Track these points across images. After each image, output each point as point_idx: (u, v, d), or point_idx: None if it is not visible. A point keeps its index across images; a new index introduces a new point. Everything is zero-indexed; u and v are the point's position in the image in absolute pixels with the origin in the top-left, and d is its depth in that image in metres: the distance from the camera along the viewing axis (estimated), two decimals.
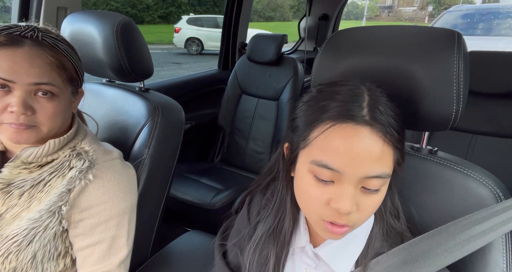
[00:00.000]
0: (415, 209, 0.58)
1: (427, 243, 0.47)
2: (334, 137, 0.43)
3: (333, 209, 0.44)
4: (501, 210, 0.48)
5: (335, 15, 2.72)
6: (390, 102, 0.46)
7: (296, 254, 0.56)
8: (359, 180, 0.43)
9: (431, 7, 38.56)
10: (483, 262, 0.52)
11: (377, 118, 0.43)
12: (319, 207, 0.45)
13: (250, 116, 1.94)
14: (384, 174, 0.43)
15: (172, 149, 0.94)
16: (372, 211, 0.47)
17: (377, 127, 0.42)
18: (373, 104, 0.44)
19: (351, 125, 0.42)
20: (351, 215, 0.44)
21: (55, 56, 0.62)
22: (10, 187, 0.63)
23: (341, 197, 0.43)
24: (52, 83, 0.61)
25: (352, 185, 0.43)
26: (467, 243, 0.46)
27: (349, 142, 0.42)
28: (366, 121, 0.42)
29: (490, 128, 1.24)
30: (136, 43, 0.92)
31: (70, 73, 0.66)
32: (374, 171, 0.42)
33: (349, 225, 0.45)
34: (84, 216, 0.66)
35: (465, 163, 0.58)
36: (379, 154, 0.42)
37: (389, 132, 0.43)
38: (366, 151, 0.42)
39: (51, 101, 0.62)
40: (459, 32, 0.53)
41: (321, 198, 0.45)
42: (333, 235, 0.47)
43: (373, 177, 0.42)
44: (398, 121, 0.45)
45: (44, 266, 0.64)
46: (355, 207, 0.43)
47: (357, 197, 0.44)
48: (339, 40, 0.62)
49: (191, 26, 10.41)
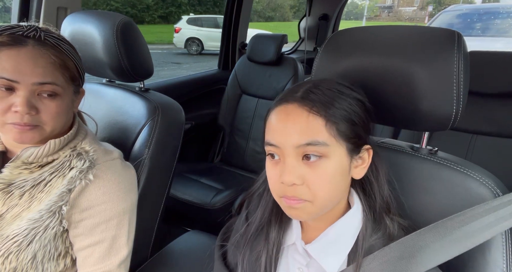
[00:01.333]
0: (415, 209, 0.58)
1: (423, 238, 0.47)
2: (272, 118, 0.50)
3: (283, 184, 0.48)
4: (498, 206, 0.48)
5: (335, 15, 2.72)
6: (347, 89, 0.50)
7: (289, 253, 0.57)
8: (294, 150, 0.47)
9: (431, 7, 38.55)
10: (483, 262, 0.52)
11: (307, 96, 0.48)
12: (276, 185, 0.50)
13: (250, 116, 1.94)
14: (315, 141, 0.46)
15: (172, 149, 0.94)
16: (323, 187, 0.48)
17: (303, 102, 0.48)
18: (309, 88, 0.49)
19: (283, 104, 0.49)
20: (299, 188, 0.47)
21: (57, 56, 0.62)
22: (11, 187, 0.63)
23: (284, 170, 0.48)
24: (56, 83, 0.62)
25: (291, 157, 0.47)
26: (464, 240, 0.46)
27: (280, 118, 0.49)
28: (295, 99, 0.49)
29: (490, 128, 1.24)
30: (136, 43, 0.92)
31: (72, 72, 0.66)
32: (303, 139, 0.46)
33: (302, 198, 0.47)
34: (84, 216, 0.66)
35: (465, 163, 0.58)
36: (305, 124, 0.47)
37: (317, 105, 0.47)
38: (293, 122, 0.47)
39: (55, 101, 0.62)
40: (459, 32, 0.53)
41: (275, 177, 0.50)
42: (294, 210, 0.49)
43: (305, 145, 0.46)
44: (344, 101, 0.49)
45: (44, 266, 0.64)
46: (300, 180, 0.47)
47: (300, 169, 0.47)
48: (339, 40, 0.62)
49: (191, 26, 10.41)
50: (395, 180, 0.57)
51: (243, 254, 0.59)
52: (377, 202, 0.53)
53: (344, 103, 0.48)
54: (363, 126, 0.50)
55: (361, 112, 0.50)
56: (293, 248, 0.56)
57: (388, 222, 0.52)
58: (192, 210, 1.54)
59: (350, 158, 0.50)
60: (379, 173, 0.55)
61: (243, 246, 0.59)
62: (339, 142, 0.48)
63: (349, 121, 0.48)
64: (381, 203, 0.54)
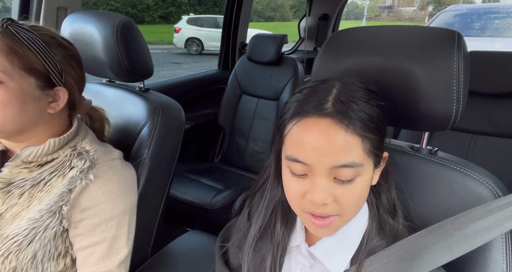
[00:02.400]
0: (415, 209, 0.58)
1: (424, 240, 0.47)
2: (299, 132, 0.45)
3: (311, 201, 0.45)
4: (499, 207, 0.48)
5: (335, 15, 2.72)
6: (371, 95, 0.47)
7: (292, 254, 0.56)
8: (328, 170, 0.44)
9: (431, 7, 38.54)
10: (483, 262, 0.52)
11: (339, 110, 0.44)
12: (298, 200, 0.47)
13: (250, 116, 1.94)
14: (352, 163, 0.44)
15: (172, 149, 0.94)
16: (353, 202, 0.46)
17: (338, 118, 0.43)
18: (338, 97, 0.45)
19: (313, 118, 0.44)
20: (329, 206, 0.45)
21: (8, 44, 0.60)
22: (10, 187, 0.63)
23: (314, 189, 0.45)
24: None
25: (323, 177, 0.44)
26: (465, 241, 0.46)
27: (312, 135, 0.44)
28: (327, 113, 0.44)
29: (490, 128, 1.24)
30: (136, 43, 0.92)
31: (29, 63, 0.62)
32: (339, 161, 0.43)
33: (332, 215, 0.46)
34: (84, 216, 0.66)
35: (465, 163, 0.58)
36: (342, 144, 0.43)
37: (353, 122, 0.44)
38: (328, 142, 0.43)
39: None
40: (459, 32, 0.53)
41: (299, 192, 0.47)
42: (320, 229, 0.48)
43: (341, 167, 0.43)
44: (372, 112, 0.46)
45: (44, 266, 0.64)
46: (330, 198, 0.45)
47: (331, 188, 0.45)
48: (339, 40, 0.62)
49: (191, 26, 10.42)
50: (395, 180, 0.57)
51: (246, 255, 0.58)
52: (383, 203, 0.53)
53: (374, 114, 0.45)
54: (384, 135, 0.49)
55: (383, 120, 0.47)
56: (296, 249, 0.56)
57: (393, 223, 0.52)
58: (192, 210, 1.54)
59: (373, 170, 0.49)
60: (388, 175, 0.54)
61: (247, 247, 0.58)
62: (370, 158, 0.46)
63: (377, 135, 0.46)
64: (387, 205, 0.53)
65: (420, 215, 0.57)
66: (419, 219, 0.56)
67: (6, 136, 0.65)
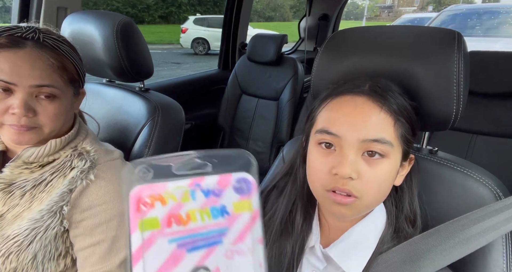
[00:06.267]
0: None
1: (426, 242, 0.47)
2: (334, 107, 0.48)
3: (335, 176, 0.46)
4: (500, 209, 0.48)
5: (335, 15, 2.72)
6: (404, 94, 0.50)
7: (305, 256, 0.55)
8: (358, 144, 0.45)
9: (431, 7, 38.55)
10: (483, 262, 0.52)
11: (377, 90, 0.47)
12: (323, 176, 0.47)
13: (250, 116, 1.94)
14: (383, 139, 0.45)
15: (172, 149, 0.94)
16: (376, 185, 0.46)
17: (374, 97, 0.46)
18: (376, 83, 0.48)
19: (350, 96, 0.47)
20: (353, 183, 0.45)
21: (56, 58, 0.62)
22: (12, 187, 0.63)
23: (341, 162, 0.45)
24: (54, 85, 0.62)
25: (352, 151, 0.45)
26: (466, 243, 0.46)
27: (347, 108, 0.47)
28: (364, 91, 0.47)
29: (490, 128, 1.24)
30: (136, 43, 0.92)
31: (72, 74, 0.66)
32: (371, 134, 0.45)
33: (353, 194, 0.46)
34: (85, 216, 0.66)
35: (465, 163, 0.58)
36: (376, 120, 0.45)
37: (388, 102, 0.46)
38: (362, 116, 0.45)
39: (53, 103, 0.62)
40: (459, 32, 0.53)
41: (325, 168, 0.47)
42: (339, 206, 0.47)
43: (372, 141, 0.45)
44: (405, 103, 0.48)
45: (44, 266, 0.64)
46: (356, 174, 0.45)
47: (358, 164, 0.45)
48: (339, 40, 0.62)
49: (198, 26, 10.40)
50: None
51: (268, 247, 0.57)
52: (404, 211, 0.53)
53: (407, 105, 0.48)
54: (415, 135, 0.50)
55: (414, 116, 0.50)
56: (310, 251, 0.55)
57: (411, 232, 0.51)
58: None
59: (400, 163, 0.49)
60: (412, 184, 0.54)
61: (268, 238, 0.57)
62: (400, 144, 0.47)
63: (410, 125, 0.48)
64: (408, 213, 0.53)
65: (420, 215, 0.57)
66: (418, 219, 0.56)
67: (46, 140, 0.66)
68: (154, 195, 0.25)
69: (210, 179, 0.25)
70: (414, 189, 0.54)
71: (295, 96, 1.82)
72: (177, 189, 0.24)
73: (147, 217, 0.24)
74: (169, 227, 0.24)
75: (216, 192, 0.25)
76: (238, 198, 0.25)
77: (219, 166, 0.26)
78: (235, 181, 0.26)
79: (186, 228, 0.24)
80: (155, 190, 0.25)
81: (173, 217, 0.24)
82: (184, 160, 0.25)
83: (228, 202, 0.25)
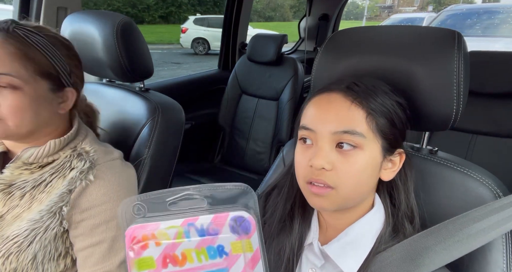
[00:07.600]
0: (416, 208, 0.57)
1: (425, 241, 0.47)
2: (312, 105, 0.52)
3: (311, 168, 0.49)
4: (500, 208, 0.48)
5: (335, 15, 2.72)
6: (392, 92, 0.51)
7: (303, 253, 0.56)
8: (330, 136, 0.48)
9: (431, 7, 38.55)
10: (483, 262, 0.52)
11: (352, 87, 0.49)
12: (303, 170, 0.50)
13: (250, 116, 1.94)
14: (353, 131, 0.47)
15: (172, 149, 0.94)
16: (350, 176, 0.48)
17: (348, 93, 0.49)
18: (356, 81, 0.50)
19: (326, 94, 0.51)
20: (327, 173, 0.48)
21: (20, 48, 0.60)
22: (12, 188, 0.63)
23: (316, 154, 0.48)
24: (12, 74, 0.59)
25: (326, 143, 0.48)
26: (466, 242, 0.46)
27: (321, 105, 0.51)
28: (339, 89, 0.50)
29: (490, 128, 1.24)
30: (136, 43, 0.92)
31: (41, 67, 0.63)
32: (341, 126, 0.47)
33: (329, 184, 0.47)
34: (84, 217, 0.66)
35: (465, 163, 0.58)
36: (346, 113, 0.48)
37: (361, 96, 0.48)
38: (333, 110, 0.49)
39: (13, 94, 0.59)
40: (459, 32, 0.53)
41: (304, 161, 0.50)
42: (316, 198, 0.49)
43: (342, 132, 0.47)
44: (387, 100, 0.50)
45: (44, 266, 0.64)
46: (329, 165, 0.47)
47: (332, 155, 0.48)
48: (339, 40, 0.62)
49: (198, 26, 10.39)
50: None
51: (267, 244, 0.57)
52: (401, 209, 0.53)
53: (387, 101, 0.49)
54: (401, 130, 0.51)
55: (402, 116, 0.51)
56: (308, 248, 0.56)
57: (409, 230, 0.52)
58: None
59: (382, 157, 0.50)
60: (407, 180, 0.54)
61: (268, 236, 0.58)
62: (376, 137, 0.48)
63: (389, 120, 0.49)
64: (405, 210, 0.53)
65: (420, 215, 0.57)
66: (418, 219, 0.56)
67: (18, 138, 0.65)
68: (147, 235, 0.24)
69: (204, 218, 0.25)
70: (410, 185, 0.54)
71: (295, 96, 1.83)
72: (170, 229, 0.24)
73: (143, 256, 0.24)
74: (165, 268, 0.24)
75: (211, 231, 0.24)
76: (235, 238, 0.25)
77: (216, 202, 0.25)
78: (232, 220, 0.25)
79: (182, 269, 0.24)
80: (148, 230, 0.25)
81: (169, 257, 0.24)
82: (180, 196, 0.25)
83: (226, 242, 0.25)
